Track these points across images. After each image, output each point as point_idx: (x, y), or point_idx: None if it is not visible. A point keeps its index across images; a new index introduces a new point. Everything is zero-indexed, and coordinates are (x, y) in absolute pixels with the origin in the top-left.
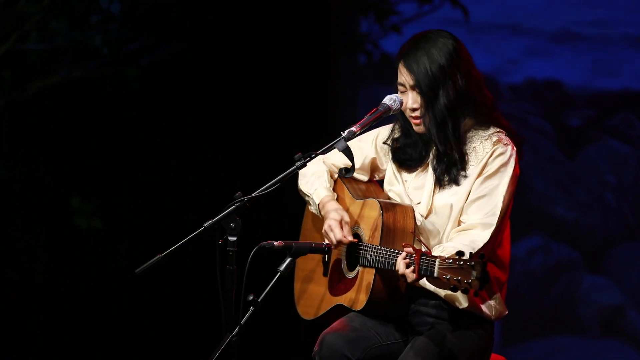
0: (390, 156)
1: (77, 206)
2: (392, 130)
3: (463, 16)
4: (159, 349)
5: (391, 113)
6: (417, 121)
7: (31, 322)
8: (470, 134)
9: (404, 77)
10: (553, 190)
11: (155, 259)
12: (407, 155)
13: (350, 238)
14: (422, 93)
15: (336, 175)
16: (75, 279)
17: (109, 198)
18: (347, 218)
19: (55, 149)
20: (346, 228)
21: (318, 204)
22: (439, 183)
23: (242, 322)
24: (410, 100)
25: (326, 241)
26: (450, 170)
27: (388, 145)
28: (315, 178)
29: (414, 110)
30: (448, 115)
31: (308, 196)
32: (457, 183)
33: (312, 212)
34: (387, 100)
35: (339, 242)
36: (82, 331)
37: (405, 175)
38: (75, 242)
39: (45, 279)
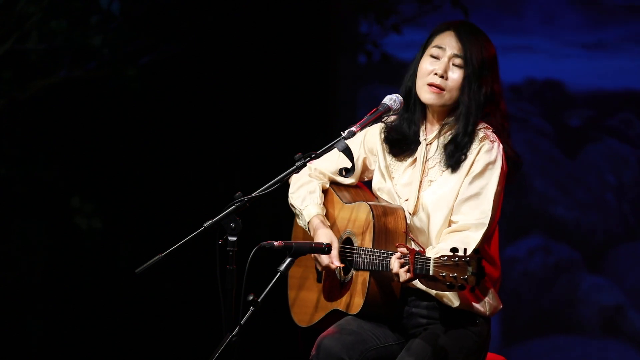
0: (383, 137)
1: (77, 206)
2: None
3: (463, 16)
4: (159, 349)
5: (391, 113)
6: (436, 90)
7: (31, 322)
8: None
9: (450, 43)
10: (553, 190)
11: (155, 259)
12: (400, 134)
13: (337, 263)
14: (467, 66)
15: (327, 185)
16: (75, 279)
17: (109, 198)
18: (336, 243)
19: (55, 149)
20: (334, 253)
21: (308, 222)
22: (447, 162)
23: (242, 322)
24: (442, 66)
25: (326, 241)
26: (457, 153)
27: (384, 123)
28: (306, 193)
29: (440, 77)
30: (484, 103)
31: (298, 211)
32: (454, 169)
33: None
34: (387, 100)
35: (326, 267)
36: (82, 331)
37: (393, 169)
38: (75, 242)
39: (45, 279)
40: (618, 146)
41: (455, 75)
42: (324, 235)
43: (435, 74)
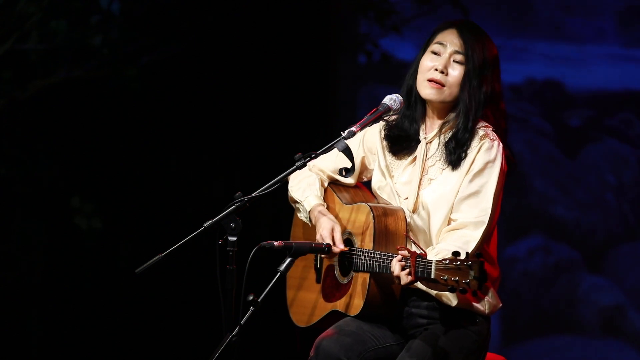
0: (383, 134)
1: (77, 206)
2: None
3: (463, 16)
4: (159, 349)
5: (391, 113)
6: (436, 85)
7: (31, 322)
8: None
9: (451, 40)
10: (553, 190)
11: (155, 259)
12: (401, 131)
13: (342, 247)
14: (468, 63)
15: (326, 184)
16: (75, 279)
17: (109, 198)
18: (338, 227)
19: (55, 149)
20: (337, 236)
21: (309, 212)
22: (448, 159)
23: (242, 322)
24: (443, 62)
25: (325, 241)
26: (458, 150)
27: (385, 121)
28: (306, 185)
29: (439, 72)
30: (484, 102)
31: (298, 203)
32: (454, 167)
33: (301, 221)
34: (387, 100)
35: (330, 254)
36: (82, 331)
37: (393, 167)
38: (75, 242)
39: (45, 279)
40: (618, 146)
41: (456, 72)
42: (326, 222)
43: (436, 69)
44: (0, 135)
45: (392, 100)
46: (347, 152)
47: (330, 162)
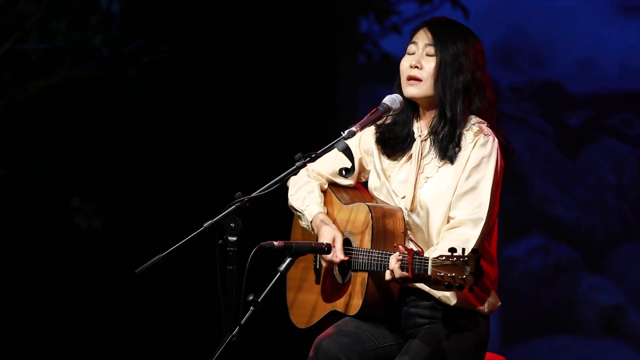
0: (375, 138)
1: (77, 206)
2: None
3: (463, 16)
4: (159, 349)
5: (391, 113)
6: (414, 82)
7: (31, 322)
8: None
9: (422, 37)
10: (553, 190)
11: (155, 259)
12: (392, 134)
13: (341, 257)
14: (439, 53)
15: (326, 186)
16: (75, 279)
17: (109, 198)
18: (340, 237)
19: (55, 149)
20: (338, 246)
21: (310, 222)
22: (439, 155)
23: (242, 322)
24: (416, 58)
25: (325, 241)
26: (449, 145)
27: (378, 126)
28: (306, 193)
29: (414, 67)
30: (463, 91)
31: (299, 212)
32: (452, 161)
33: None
34: (387, 100)
35: (330, 262)
36: (82, 331)
37: (389, 167)
38: (75, 242)
39: (45, 278)
40: (618, 146)
41: (429, 65)
42: (328, 231)
43: (411, 66)
44: (0, 135)
45: (392, 100)
46: (347, 152)
47: (328, 164)
